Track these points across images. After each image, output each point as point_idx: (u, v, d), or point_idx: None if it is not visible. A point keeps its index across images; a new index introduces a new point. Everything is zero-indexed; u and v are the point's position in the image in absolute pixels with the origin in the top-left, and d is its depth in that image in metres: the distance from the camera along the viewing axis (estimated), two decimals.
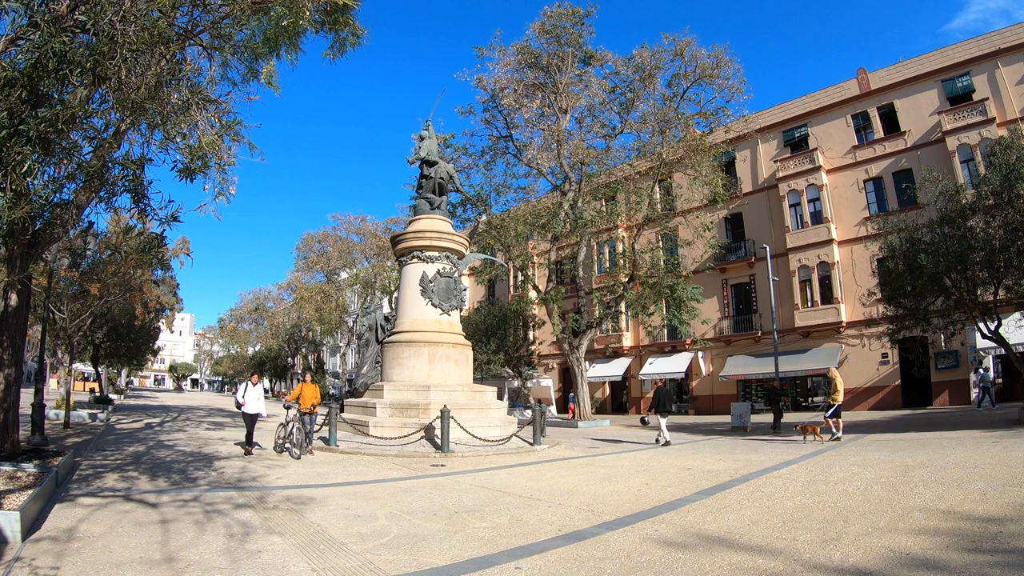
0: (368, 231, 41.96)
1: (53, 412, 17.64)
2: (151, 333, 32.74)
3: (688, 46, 22.02)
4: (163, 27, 6.08)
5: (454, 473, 9.29)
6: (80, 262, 14.98)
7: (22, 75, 5.39)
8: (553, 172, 25.39)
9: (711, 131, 23.65)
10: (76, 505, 6.34)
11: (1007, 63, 22.74)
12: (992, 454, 8.77)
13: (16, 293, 7.91)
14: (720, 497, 6.86)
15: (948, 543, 4.50)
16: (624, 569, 4.29)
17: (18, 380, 8.19)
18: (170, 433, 15.68)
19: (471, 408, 13.88)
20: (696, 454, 11.63)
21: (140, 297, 20.70)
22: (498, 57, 23.44)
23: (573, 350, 24.37)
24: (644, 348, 32.61)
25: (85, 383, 52.67)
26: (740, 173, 30.21)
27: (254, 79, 8.59)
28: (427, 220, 16.10)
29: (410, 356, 14.68)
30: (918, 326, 16.29)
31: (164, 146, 7.20)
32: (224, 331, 68.77)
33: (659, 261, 25.20)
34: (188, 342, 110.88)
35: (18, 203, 5.47)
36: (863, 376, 24.97)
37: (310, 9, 7.62)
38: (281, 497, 7.11)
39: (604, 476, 8.95)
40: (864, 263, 24.56)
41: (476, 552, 4.77)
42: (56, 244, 10.72)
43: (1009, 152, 13.87)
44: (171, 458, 10.45)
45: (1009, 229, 13.47)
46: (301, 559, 4.55)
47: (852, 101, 26.99)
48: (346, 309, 45.77)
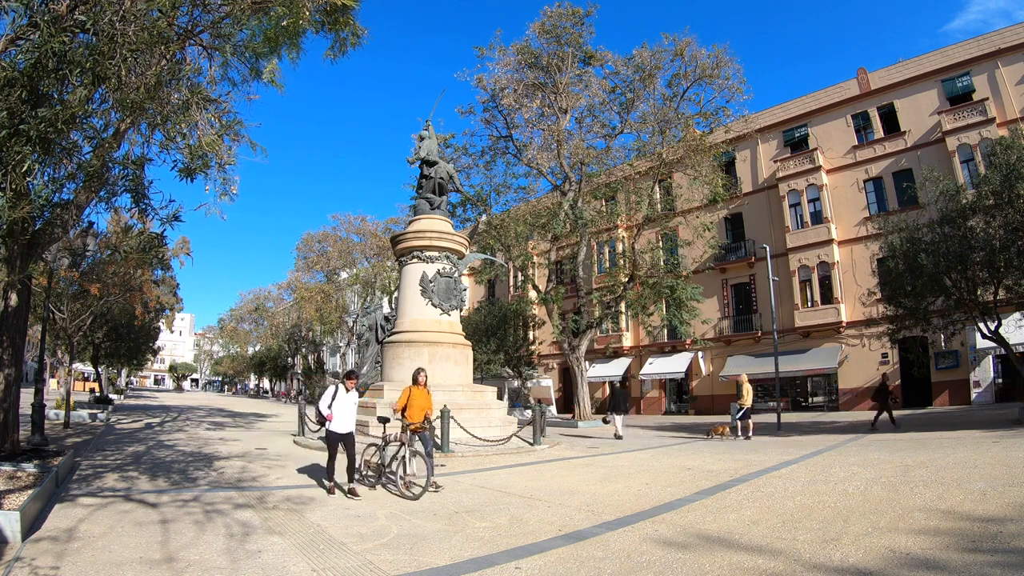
0: (368, 231, 41.98)
1: (53, 412, 17.64)
2: (151, 333, 32.75)
3: (688, 46, 22.01)
4: (163, 27, 6.08)
5: (454, 473, 9.29)
6: (80, 262, 14.97)
7: (22, 75, 5.39)
8: (553, 172, 25.38)
9: (711, 131, 23.64)
10: (76, 505, 6.34)
11: (1007, 63, 22.74)
12: (992, 454, 8.77)
13: (16, 293, 7.91)
14: (720, 497, 6.86)
15: (948, 543, 4.50)
16: (624, 569, 4.29)
17: (18, 380, 8.19)
18: (170, 433, 15.68)
19: (471, 408, 13.89)
20: (696, 454, 11.62)
21: (140, 297, 20.71)
22: (498, 57, 23.45)
23: (573, 350, 24.37)
24: (644, 348, 32.60)
25: (85, 383, 52.67)
26: (740, 173, 30.20)
27: (256, 79, 8.59)
28: (427, 220, 16.10)
29: (410, 356, 14.67)
30: (918, 326, 16.28)
31: (164, 146, 7.20)
32: (224, 331, 68.85)
33: (659, 261, 25.18)
34: (188, 342, 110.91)
35: (18, 203, 5.47)
36: (863, 376, 24.96)
37: (310, 9, 7.62)
38: (281, 497, 7.12)
39: (604, 476, 8.95)
40: (864, 263, 24.56)
41: (476, 552, 4.77)
42: (56, 244, 10.71)
43: (1009, 152, 13.87)
44: (171, 458, 10.45)
45: (1009, 229, 13.46)
46: (301, 559, 4.55)
47: (852, 101, 26.99)
48: (346, 309, 45.79)
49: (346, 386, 7.77)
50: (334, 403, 7.62)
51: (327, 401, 7.65)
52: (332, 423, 7.57)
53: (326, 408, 7.64)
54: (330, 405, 7.61)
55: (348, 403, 7.71)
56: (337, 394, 7.68)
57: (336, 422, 7.58)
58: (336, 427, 7.58)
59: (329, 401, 7.63)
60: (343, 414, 7.67)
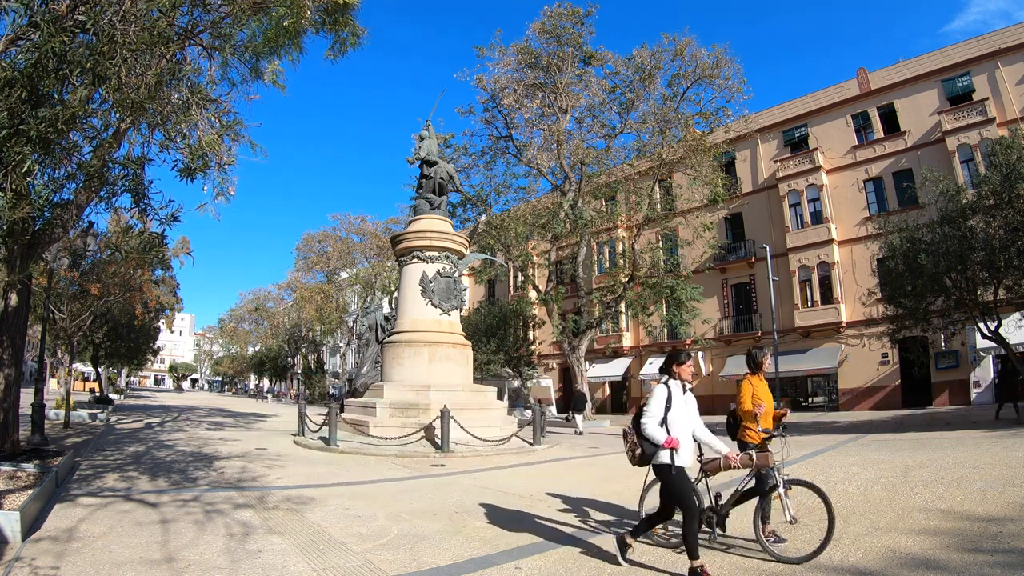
0: (368, 231, 42.01)
1: (53, 412, 17.62)
2: (151, 333, 32.75)
3: (688, 46, 22.04)
4: (163, 27, 6.09)
5: (454, 473, 9.29)
6: (80, 262, 14.96)
7: (22, 75, 5.39)
8: (553, 172, 25.40)
9: (711, 131, 23.66)
10: (76, 505, 6.33)
11: (1007, 63, 22.74)
12: (992, 454, 8.77)
13: (16, 293, 7.91)
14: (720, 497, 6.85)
15: (948, 543, 4.51)
16: (624, 569, 4.30)
17: (18, 380, 8.19)
18: (170, 433, 15.67)
19: (471, 408, 13.88)
20: None
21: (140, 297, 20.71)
22: (498, 57, 23.47)
23: (573, 350, 24.38)
24: (644, 348, 32.61)
25: (85, 383, 52.62)
26: (740, 173, 30.20)
27: (256, 79, 8.59)
28: (427, 220, 16.10)
29: (410, 356, 14.67)
30: (918, 326, 16.29)
31: (164, 146, 7.20)
32: (224, 331, 68.92)
33: (659, 261, 25.20)
34: (188, 342, 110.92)
35: (18, 203, 5.47)
36: (863, 376, 24.97)
37: (311, 9, 7.62)
38: (281, 497, 7.11)
39: (604, 476, 8.95)
40: (864, 263, 24.56)
41: (476, 552, 4.77)
42: (56, 244, 10.70)
43: (1009, 152, 13.87)
44: (171, 458, 10.45)
45: (1009, 229, 13.47)
46: (301, 559, 4.55)
47: (852, 101, 26.99)
48: (346, 309, 45.78)
49: (682, 380, 4.42)
50: (670, 415, 4.27)
51: (659, 411, 4.27)
52: (678, 452, 4.18)
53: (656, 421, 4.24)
54: (665, 419, 4.26)
55: (688, 411, 4.39)
56: (672, 397, 4.31)
57: (683, 450, 4.22)
58: (683, 458, 4.23)
59: (662, 412, 4.26)
60: (684, 433, 4.30)
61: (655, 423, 4.23)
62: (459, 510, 6.42)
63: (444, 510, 6.41)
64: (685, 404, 4.34)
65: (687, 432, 4.31)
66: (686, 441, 4.27)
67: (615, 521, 5.83)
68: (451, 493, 7.49)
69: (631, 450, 4.45)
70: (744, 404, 4.98)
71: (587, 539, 5.13)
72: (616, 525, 5.63)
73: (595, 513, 6.24)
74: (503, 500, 7.00)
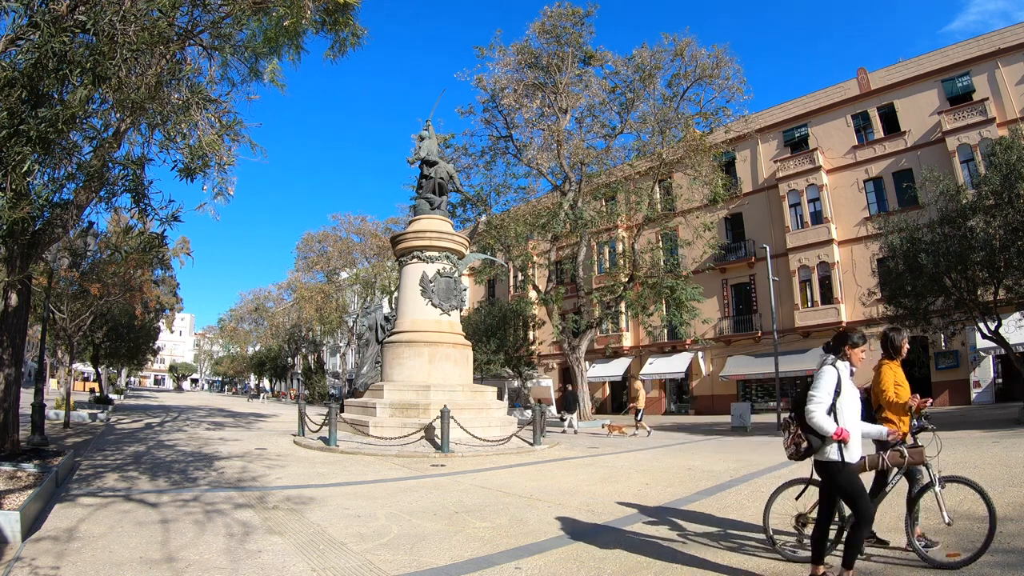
0: (368, 231, 42.02)
1: (53, 412, 17.63)
2: (151, 333, 32.76)
3: (688, 46, 22.04)
4: (163, 27, 6.08)
5: (454, 473, 9.29)
6: (80, 262, 14.99)
7: (22, 75, 5.39)
8: (553, 172, 25.40)
9: (711, 131, 23.66)
10: (76, 505, 6.33)
11: (1007, 63, 22.75)
12: (992, 454, 8.77)
13: (16, 293, 7.91)
14: (720, 497, 6.87)
15: (948, 543, 4.51)
16: (624, 569, 4.29)
17: (18, 380, 8.19)
18: (170, 433, 15.67)
19: (471, 408, 13.88)
20: (696, 455, 11.63)
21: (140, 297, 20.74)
22: (498, 57, 23.47)
23: (573, 350, 24.38)
24: (644, 348, 32.61)
25: (85, 383, 52.66)
26: (740, 173, 30.21)
27: (256, 79, 8.59)
28: (427, 220, 16.10)
29: (410, 356, 14.67)
30: (918, 326, 16.29)
31: (164, 146, 7.19)
32: (224, 331, 68.89)
33: (659, 261, 25.21)
34: (188, 342, 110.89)
35: (18, 203, 5.47)
36: (863, 376, 24.40)
37: (311, 9, 7.61)
38: (281, 497, 7.11)
39: (604, 476, 8.94)
40: (864, 263, 24.56)
41: (476, 552, 4.77)
42: (56, 244, 10.71)
43: (1009, 152, 13.87)
44: (171, 458, 10.44)
45: (1009, 229, 13.47)
46: (301, 559, 4.55)
47: (852, 101, 27.00)
48: (346, 309, 45.78)
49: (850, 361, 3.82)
50: (839, 401, 3.66)
51: (828, 397, 3.63)
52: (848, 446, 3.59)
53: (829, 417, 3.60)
54: (832, 407, 3.64)
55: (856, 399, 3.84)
56: (842, 382, 3.70)
57: (852, 443, 3.61)
58: (851, 453, 3.61)
59: (831, 398, 3.64)
60: (854, 423, 3.72)
61: (823, 411, 3.56)
62: (459, 510, 6.42)
63: (444, 510, 6.41)
64: (855, 391, 3.77)
65: (857, 422, 3.70)
66: (856, 433, 3.65)
67: (616, 520, 5.82)
68: (451, 493, 7.49)
69: (793, 443, 3.76)
70: (888, 394, 4.36)
71: (588, 539, 5.13)
72: (616, 524, 5.63)
73: (596, 513, 6.24)
74: (503, 500, 7.00)
